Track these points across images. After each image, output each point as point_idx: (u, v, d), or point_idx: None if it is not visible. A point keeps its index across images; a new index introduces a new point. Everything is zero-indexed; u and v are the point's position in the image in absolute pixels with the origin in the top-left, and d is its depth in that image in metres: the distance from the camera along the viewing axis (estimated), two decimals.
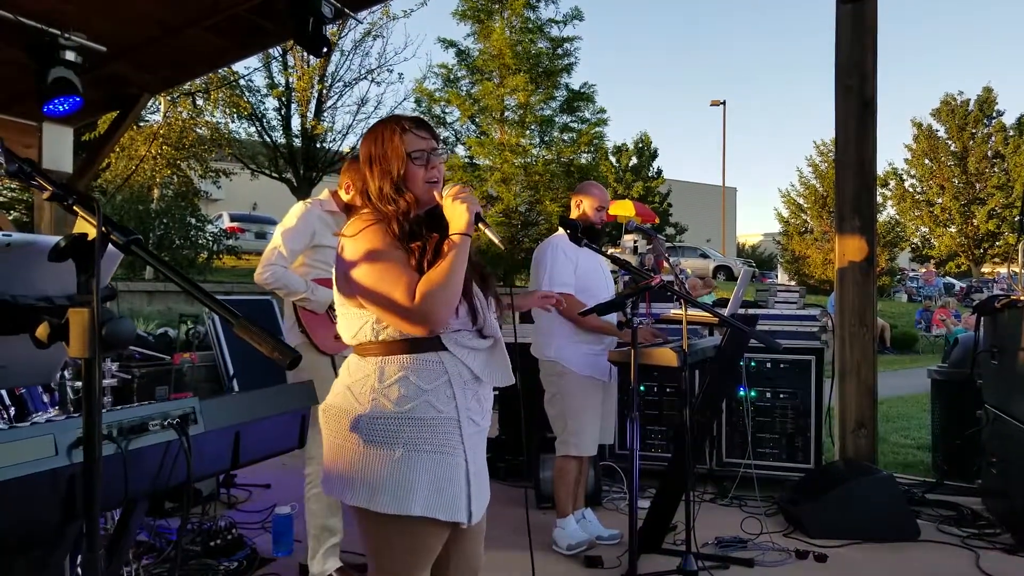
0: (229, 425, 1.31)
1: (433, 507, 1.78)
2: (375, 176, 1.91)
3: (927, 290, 25.29)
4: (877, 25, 4.56)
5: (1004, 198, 29.50)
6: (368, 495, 1.76)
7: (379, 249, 1.82)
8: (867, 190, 4.61)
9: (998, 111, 30.46)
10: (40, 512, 1.03)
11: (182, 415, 1.22)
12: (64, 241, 0.99)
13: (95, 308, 0.95)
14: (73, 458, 1.06)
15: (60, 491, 1.05)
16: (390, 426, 1.77)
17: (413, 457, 1.77)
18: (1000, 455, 4.23)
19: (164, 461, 1.17)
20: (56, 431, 1.05)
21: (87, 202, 1.04)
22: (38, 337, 0.96)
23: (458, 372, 1.87)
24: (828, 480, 4.29)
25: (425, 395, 1.81)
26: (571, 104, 17.42)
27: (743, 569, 3.57)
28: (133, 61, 5.69)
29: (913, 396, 9.49)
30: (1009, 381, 4.11)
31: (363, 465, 1.77)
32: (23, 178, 1.06)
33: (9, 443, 0.99)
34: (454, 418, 1.84)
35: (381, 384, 1.80)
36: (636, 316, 2.89)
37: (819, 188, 28.38)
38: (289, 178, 16.43)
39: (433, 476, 1.78)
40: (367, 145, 1.94)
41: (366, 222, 1.87)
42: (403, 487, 1.75)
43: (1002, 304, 4.27)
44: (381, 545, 1.83)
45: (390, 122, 1.95)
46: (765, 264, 37.43)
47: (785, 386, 4.85)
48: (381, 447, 1.76)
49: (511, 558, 3.33)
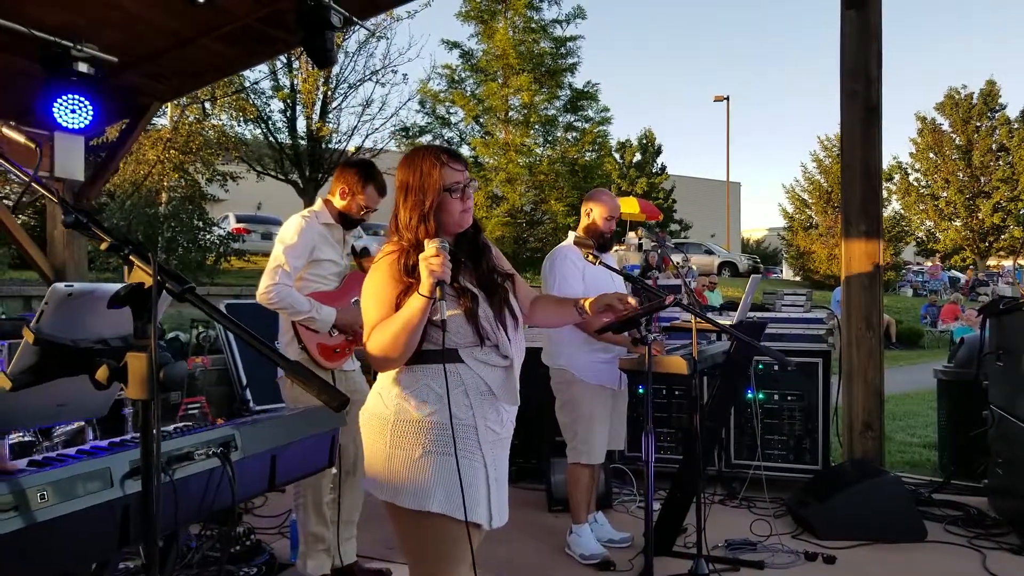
0: (265, 450, 1.38)
1: (451, 507, 1.90)
2: (407, 206, 2.02)
3: (932, 284, 25.29)
4: (881, 30, 4.60)
5: (1009, 191, 29.45)
6: (392, 491, 1.93)
7: (377, 283, 1.98)
8: (873, 194, 4.66)
9: (1001, 104, 30.38)
10: (98, 540, 1.09)
11: (223, 443, 1.29)
12: (123, 290, 1.05)
13: (153, 352, 1.01)
14: (127, 489, 1.13)
15: (116, 520, 1.11)
16: (412, 429, 1.93)
17: (432, 459, 1.92)
18: (1006, 456, 4.28)
19: (208, 487, 1.23)
20: (112, 464, 1.11)
21: (142, 252, 1.10)
22: (98, 379, 1.03)
23: (474, 384, 2.00)
24: (836, 482, 4.34)
25: (442, 400, 1.94)
26: (575, 103, 17.48)
27: (753, 571, 3.62)
28: (144, 71, 5.76)
29: (919, 393, 9.51)
30: (1014, 382, 4.16)
31: (389, 464, 1.94)
32: (80, 228, 1.12)
33: (71, 478, 1.05)
34: (471, 424, 1.98)
35: (405, 390, 1.96)
36: (650, 333, 2.94)
37: (823, 183, 28.35)
38: (295, 180, 16.51)
39: (451, 477, 1.91)
40: (404, 173, 2.04)
41: (385, 253, 2.02)
42: (422, 486, 1.90)
43: (1007, 306, 4.32)
44: (411, 540, 1.99)
45: (429, 154, 2.05)
46: (769, 259, 37.41)
47: (793, 388, 4.90)
48: (404, 448, 1.93)
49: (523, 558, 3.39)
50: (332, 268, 3.27)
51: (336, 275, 3.31)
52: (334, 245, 3.28)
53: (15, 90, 5.89)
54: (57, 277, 6.86)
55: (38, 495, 0.99)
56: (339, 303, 3.23)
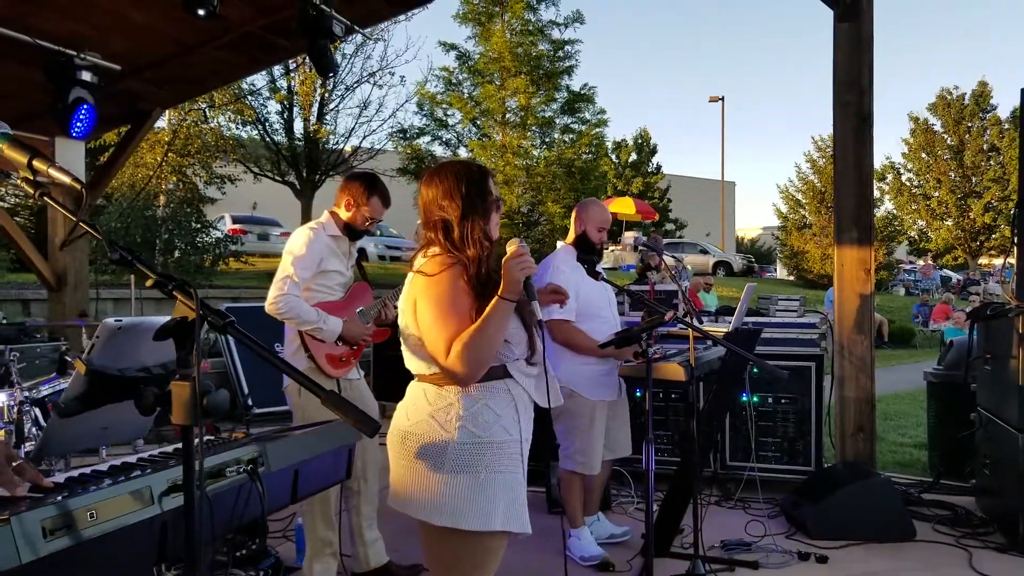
0: (288, 465, 1.46)
1: (509, 521, 1.97)
2: (470, 217, 2.02)
3: (925, 283, 25.48)
4: (873, 41, 4.71)
5: (1000, 191, 29.67)
6: (454, 516, 1.92)
7: (449, 296, 1.94)
8: (865, 202, 4.76)
9: (993, 105, 30.62)
10: (139, 557, 1.17)
11: (252, 459, 1.37)
12: (170, 323, 1.14)
13: (197, 381, 1.09)
14: (165, 506, 1.21)
15: (156, 537, 1.19)
16: (475, 451, 1.95)
17: (493, 478, 1.95)
18: (992, 457, 4.40)
19: (237, 501, 1.32)
20: (152, 483, 1.20)
21: (185, 288, 1.19)
22: (144, 406, 1.11)
23: (520, 396, 2.06)
24: (828, 483, 4.45)
25: (500, 420, 1.99)
26: (572, 105, 17.57)
27: (749, 571, 3.72)
28: (147, 78, 5.83)
29: (910, 393, 9.62)
30: (1001, 386, 4.27)
31: (451, 489, 1.92)
32: (125, 265, 1.21)
33: (114, 497, 1.13)
34: (518, 440, 2.03)
35: (467, 412, 1.96)
36: (651, 348, 3.02)
37: (817, 184, 28.50)
38: (292, 181, 16.56)
39: (508, 494, 1.98)
40: (463, 186, 2.04)
41: (444, 265, 1.98)
42: (487, 506, 1.93)
43: (995, 311, 4.43)
44: (457, 562, 2.00)
45: (479, 167, 2.12)
46: (764, 259, 37.57)
47: (786, 391, 4.99)
48: (467, 471, 1.93)
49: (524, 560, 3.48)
50: (338, 279, 3.36)
51: (342, 286, 3.39)
52: (340, 257, 3.36)
53: (17, 98, 5.96)
54: (57, 282, 6.91)
55: (88, 514, 1.08)
56: (345, 313, 3.31)
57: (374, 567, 3.54)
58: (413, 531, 2.06)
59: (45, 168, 1.23)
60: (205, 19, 4.57)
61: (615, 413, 3.98)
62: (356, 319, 3.33)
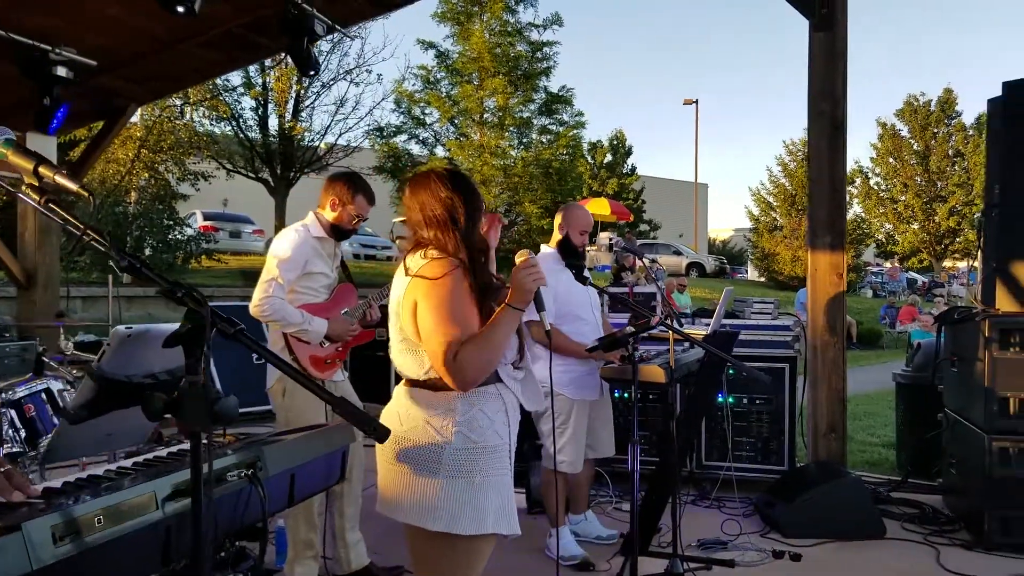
0: (285, 469, 1.47)
1: (499, 523, 2.00)
2: (467, 223, 2.05)
3: (892, 286, 25.99)
4: (847, 51, 4.81)
5: (964, 196, 30.33)
6: (450, 520, 1.93)
7: (453, 301, 1.93)
8: (838, 208, 4.86)
9: (958, 111, 31.28)
10: (144, 561, 1.19)
11: (250, 463, 1.39)
12: (181, 331, 1.15)
13: (207, 388, 1.11)
14: (167, 510, 1.22)
15: (160, 541, 1.21)
16: (471, 456, 1.96)
17: (487, 482, 1.98)
18: (959, 457, 4.52)
19: (237, 505, 1.33)
20: (156, 488, 1.21)
21: (195, 296, 1.20)
22: (152, 411, 1.12)
23: (510, 400, 2.09)
24: (801, 483, 4.55)
25: (493, 425, 2.02)
26: (549, 107, 17.63)
27: (725, 570, 3.79)
28: (123, 74, 5.77)
29: (879, 393, 9.81)
30: (967, 388, 4.40)
31: (447, 494, 1.93)
32: (134, 273, 1.22)
33: (119, 503, 1.14)
34: (507, 444, 2.07)
35: (463, 417, 1.97)
36: (637, 352, 3.07)
37: (788, 187, 28.92)
38: (266, 178, 16.41)
39: (499, 496, 2.01)
40: (461, 190, 2.07)
41: (447, 268, 1.96)
42: (481, 510, 1.96)
43: (961, 316, 4.56)
44: (446, 565, 2.01)
45: (468, 177, 2.17)
46: (735, 260, 38.00)
47: (761, 392, 5.09)
48: (463, 476, 1.94)
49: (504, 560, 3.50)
50: (323, 280, 3.36)
51: (327, 287, 3.40)
52: (325, 258, 3.37)
53: None
54: (28, 279, 6.79)
55: (95, 520, 1.09)
56: (330, 314, 3.31)
57: (355, 569, 3.54)
58: (393, 533, 2.07)
59: (51, 175, 1.23)
60: (184, 16, 4.54)
61: (598, 413, 4.03)
62: (341, 319, 3.34)
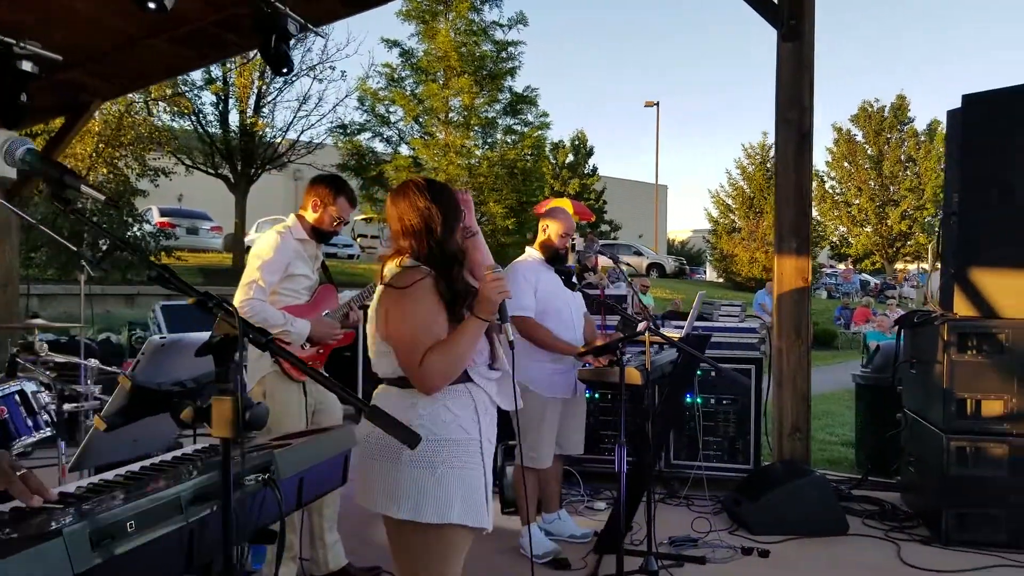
0: (296, 473, 1.50)
1: (466, 515, 2.08)
2: (445, 230, 2.14)
3: (846, 287, 26.68)
4: (814, 61, 4.96)
5: (915, 200, 31.29)
6: (414, 508, 2.03)
7: (418, 310, 2.05)
8: (803, 215, 5.01)
9: (910, 117, 32.24)
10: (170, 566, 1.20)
11: (264, 467, 1.41)
12: (213, 340, 1.17)
13: (239, 396, 1.13)
14: (191, 515, 1.24)
15: (184, 545, 1.23)
16: (432, 448, 2.05)
17: (450, 473, 2.07)
18: (917, 455, 4.70)
19: (252, 508, 1.36)
20: (181, 493, 1.23)
21: (226, 307, 1.22)
22: (183, 419, 1.14)
23: (481, 398, 2.19)
24: (768, 481, 4.67)
25: (458, 420, 2.11)
26: (514, 107, 17.69)
27: (696, 566, 3.89)
28: (89, 69, 5.65)
29: (835, 393, 10.10)
30: (926, 389, 4.58)
31: (409, 483, 2.04)
32: (163, 283, 1.23)
33: (151, 507, 1.16)
34: (477, 439, 2.15)
35: (425, 411, 2.08)
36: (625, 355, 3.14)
37: (747, 190, 29.48)
38: (226, 174, 16.16)
39: (465, 489, 2.09)
40: (439, 199, 2.16)
41: (415, 277, 2.08)
42: (444, 499, 2.05)
43: (921, 319, 4.74)
44: (417, 554, 2.10)
45: (448, 186, 2.24)
46: (694, 260, 38.58)
47: (727, 393, 5.21)
48: (425, 467, 2.05)
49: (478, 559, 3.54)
50: (305, 283, 3.36)
51: (308, 289, 3.40)
52: (307, 260, 3.37)
53: None
54: None
55: (128, 525, 1.10)
56: (311, 316, 3.32)
57: (333, 570, 3.55)
58: (369, 534, 2.14)
59: (76, 185, 1.24)
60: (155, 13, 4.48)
61: (570, 412, 4.10)
62: (323, 321, 3.35)
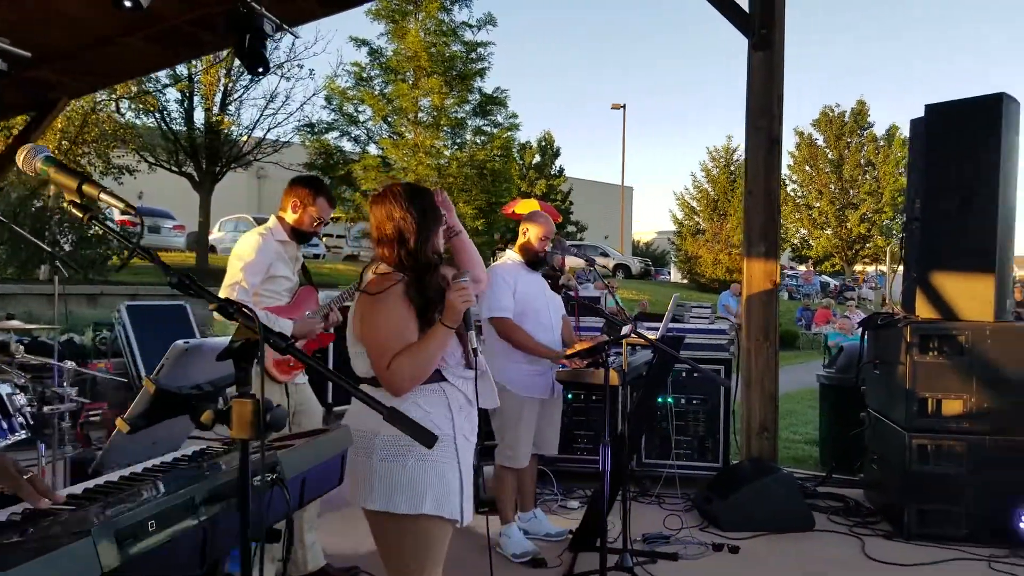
0: (298, 473, 1.54)
1: (439, 507, 2.16)
2: (421, 235, 2.22)
3: (806, 288, 27.21)
4: (784, 70, 5.09)
5: (874, 203, 32.03)
6: (386, 499, 2.13)
7: (388, 316, 2.15)
8: (772, 219, 5.14)
9: (870, 123, 32.99)
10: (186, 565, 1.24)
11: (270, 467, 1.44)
12: (235, 344, 1.20)
13: (261, 399, 1.17)
14: (203, 515, 1.27)
15: (198, 544, 1.26)
16: (403, 442, 2.13)
17: (421, 466, 2.15)
18: (880, 453, 4.86)
19: (259, 508, 1.40)
20: (195, 494, 1.26)
21: (246, 313, 1.25)
22: (203, 421, 1.17)
23: (455, 398, 2.26)
24: (737, 479, 4.80)
25: (429, 416, 2.18)
26: (484, 108, 17.73)
27: (669, 563, 3.99)
28: (59, 66, 5.56)
29: (798, 392, 10.31)
30: (889, 389, 4.74)
31: (381, 475, 2.14)
32: (183, 289, 1.26)
33: (163, 510, 1.19)
34: (451, 435, 2.23)
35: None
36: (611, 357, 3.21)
37: (711, 192, 29.91)
38: (190, 172, 15.92)
39: (437, 481, 2.16)
40: (418, 202, 2.24)
41: (387, 283, 2.17)
42: (415, 491, 2.13)
43: (884, 321, 4.90)
44: (396, 544, 2.19)
45: (426, 188, 2.31)
46: (658, 261, 38.99)
47: (697, 393, 5.33)
48: (396, 460, 2.14)
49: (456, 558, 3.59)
50: (286, 284, 3.38)
51: (289, 291, 3.41)
52: (288, 262, 3.39)
53: None
54: None
55: (149, 524, 1.13)
56: (293, 317, 3.33)
57: (311, 570, 3.56)
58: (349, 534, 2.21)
59: (96, 193, 1.26)
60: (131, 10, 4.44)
61: (547, 412, 4.17)
62: (305, 321, 3.37)
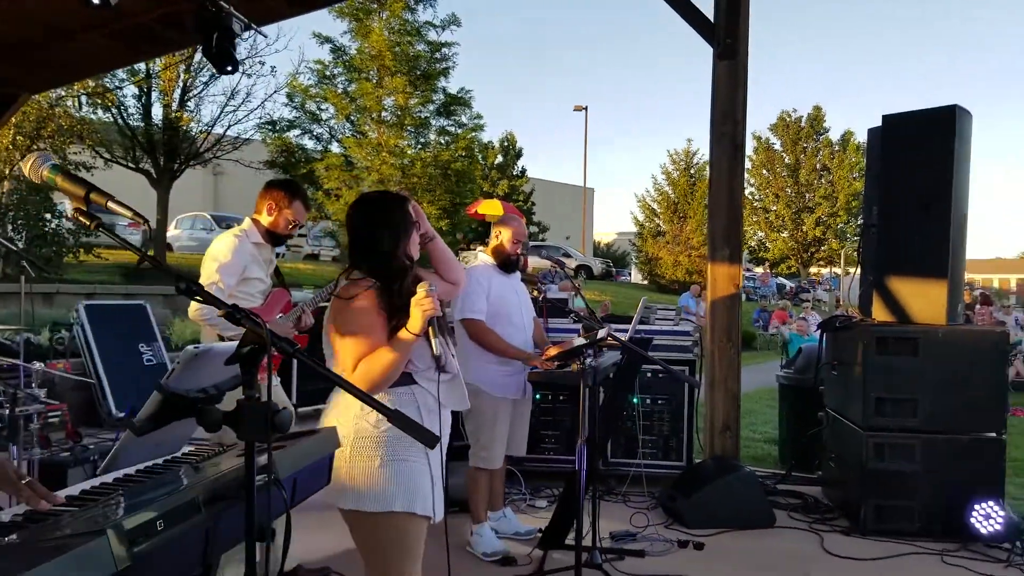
0: (290, 474, 1.57)
1: (410, 504, 2.21)
2: (391, 241, 2.28)
3: (763, 290, 27.78)
4: (747, 79, 5.23)
5: (829, 207, 32.83)
6: (356, 498, 2.19)
7: (357, 321, 2.21)
8: (735, 223, 5.28)
9: (826, 128, 33.80)
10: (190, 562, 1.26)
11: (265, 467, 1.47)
12: (244, 349, 1.23)
13: (269, 402, 1.19)
14: (205, 512, 1.31)
15: (200, 541, 1.28)
16: (371, 443, 2.20)
17: (390, 465, 2.20)
18: (837, 452, 5.03)
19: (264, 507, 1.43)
20: (199, 493, 1.29)
21: (253, 318, 1.28)
22: (209, 423, 1.20)
23: (424, 400, 2.31)
24: (700, 477, 4.91)
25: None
26: (448, 108, 17.72)
27: (636, 560, 4.08)
28: (17, 62, 5.43)
29: (757, 392, 10.53)
30: (846, 389, 4.90)
31: (350, 475, 2.19)
32: (190, 295, 1.28)
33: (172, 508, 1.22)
34: None
35: (363, 411, 2.21)
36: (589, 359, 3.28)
37: (672, 195, 30.33)
38: (148, 169, 15.60)
39: (407, 480, 2.22)
40: (390, 210, 2.30)
41: (358, 290, 2.23)
42: (385, 489, 2.18)
43: (842, 324, 5.07)
44: (371, 543, 2.24)
45: (400, 194, 2.37)
46: (619, 262, 39.37)
47: (662, 393, 5.44)
48: (365, 460, 2.20)
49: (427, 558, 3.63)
50: (259, 286, 3.39)
51: (262, 293, 3.42)
52: (262, 264, 3.40)
53: None
54: None
55: (158, 523, 1.16)
56: (265, 319, 3.33)
57: (284, 570, 3.56)
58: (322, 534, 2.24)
59: (103, 202, 1.27)
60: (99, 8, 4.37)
61: (518, 412, 4.23)
62: (277, 323, 3.38)
